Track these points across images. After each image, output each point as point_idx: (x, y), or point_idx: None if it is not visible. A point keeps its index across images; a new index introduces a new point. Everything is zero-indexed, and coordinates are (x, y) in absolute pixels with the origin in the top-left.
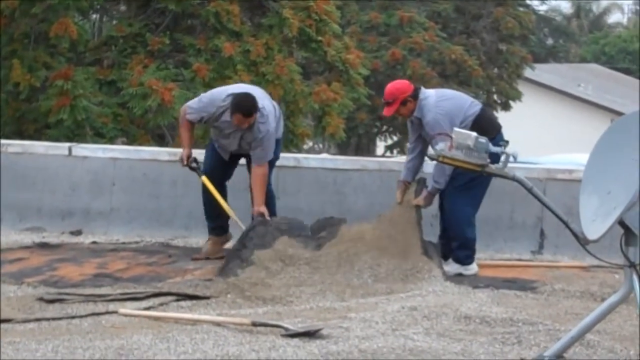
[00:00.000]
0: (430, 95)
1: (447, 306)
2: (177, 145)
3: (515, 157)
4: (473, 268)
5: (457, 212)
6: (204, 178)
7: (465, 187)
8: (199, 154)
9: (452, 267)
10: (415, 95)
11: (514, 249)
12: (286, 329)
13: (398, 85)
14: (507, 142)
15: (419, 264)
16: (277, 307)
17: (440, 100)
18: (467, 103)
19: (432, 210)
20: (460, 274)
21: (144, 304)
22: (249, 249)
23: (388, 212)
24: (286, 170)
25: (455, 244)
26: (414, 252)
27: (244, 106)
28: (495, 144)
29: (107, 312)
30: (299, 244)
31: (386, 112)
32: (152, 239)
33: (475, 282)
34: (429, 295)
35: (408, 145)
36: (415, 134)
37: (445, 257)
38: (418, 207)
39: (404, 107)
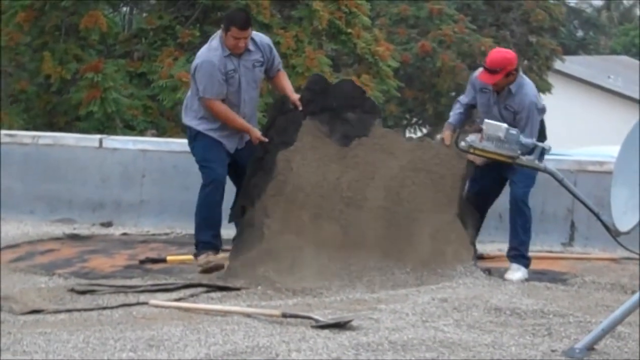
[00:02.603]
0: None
1: (478, 298)
2: None
3: (547, 150)
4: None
5: (528, 217)
6: None
7: (530, 190)
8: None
9: (522, 273)
10: (518, 69)
11: (544, 240)
12: (316, 320)
13: (508, 56)
14: (549, 147)
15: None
16: (307, 299)
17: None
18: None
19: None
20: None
21: (175, 295)
22: (271, 153)
23: (435, 143)
24: None
25: (527, 247)
26: (450, 214)
27: (238, 16)
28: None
29: (138, 304)
30: (324, 130)
31: (488, 79)
32: (182, 231)
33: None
34: (459, 287)
35: (460, 99)
36: (469, 103)
37: None
38: (470, 162)
39: (506, 78)
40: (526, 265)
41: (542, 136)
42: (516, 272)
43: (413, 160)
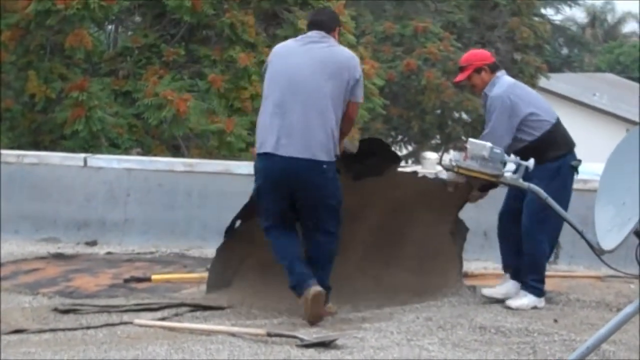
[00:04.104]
0: (509, 78)
1: (462, 316)
2: (191, 155)
3: (530, 168)
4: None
5: (537, 247)
6: None
7: (541, 218)
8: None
9: (528, 299)
10: (493, 68)
11: None
12: (301, 340)
13: (475, 52)
14: (579, 161)
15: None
16: (292, 318)
17: (517, 87)
18: (545, 105)
19: None
20: (535, 307)
21: (159, 314)
22: None
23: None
24: None
25: (535, 277)
26: (442, 230)
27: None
28: (568, 161)
29: (122, 323)
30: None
31: (459, 77)
32: (167, 250)
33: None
34: (444, 305)
35: None
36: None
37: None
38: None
39: (477, 75)
40: (536, 294)
41: (554, 149)
42: (522, 298)
43: (420, 189)
